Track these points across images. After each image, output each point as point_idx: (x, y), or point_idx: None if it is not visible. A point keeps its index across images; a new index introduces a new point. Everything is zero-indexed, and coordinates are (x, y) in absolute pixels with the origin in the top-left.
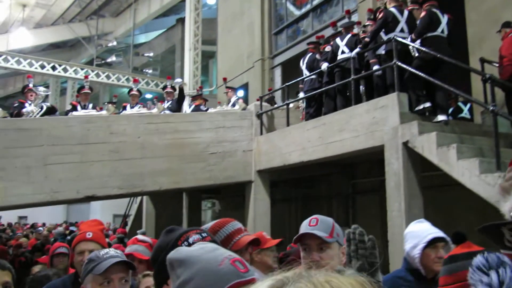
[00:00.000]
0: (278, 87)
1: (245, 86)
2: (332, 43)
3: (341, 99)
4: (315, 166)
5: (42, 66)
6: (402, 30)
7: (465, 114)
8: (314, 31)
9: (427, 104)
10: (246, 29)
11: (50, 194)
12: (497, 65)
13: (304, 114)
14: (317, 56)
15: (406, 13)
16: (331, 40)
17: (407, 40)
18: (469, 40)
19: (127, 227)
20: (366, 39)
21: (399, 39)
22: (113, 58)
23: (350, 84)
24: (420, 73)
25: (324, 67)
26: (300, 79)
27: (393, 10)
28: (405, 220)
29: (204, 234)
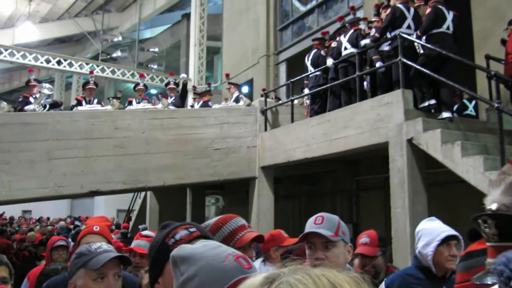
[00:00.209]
0: (283, 83)
1: (250, 82)
2: (337, 40)
3: (345, 96)
4: (319, 163)
5: (48, 61)
6: (409, 27)
7: (470, 111)
8: (320, 27)
9: (432, 101)
10: (251, 25)
11: (55, 189)
12: (503, 63)
13: (309, 111)
14: (322, 53)
15: (412, 10)
16: (337, 36)
17: (413, 37)
18: (475, 37)
19: (131, 222)
20: (376, 35)
21: (405, 36)
22: (119, 53)
23: (354, 81)
24: (425, 70)
25: (330, 63)
26: (305, 76)
27: (401, 6)
28: (409, 217)
29: (192, 229)
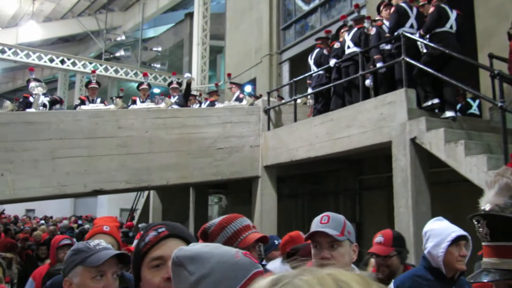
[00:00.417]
0: (286, 83)
1: (253, 81)
2: (341, 40)
3: (348, 95)
4: (322, 162)
5: (51, 60)
6: (412, 26)
7: (474, 110)
8: (323, 27)
9: (435, 100)
10: (255, 24)
11: (58, 188)
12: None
13: (312, 110)
14: (325, 52)
15: (415, 9)
16: (340, 35)
17: (416, 36)
18: (478, 36)
19: (134, 222)
20: (387, 35)
21: (408, 35)
22: (122, 53)
23: (358, 80)
24: (429, 69)
25: (332, 63)
26: (308, 75)
27: (404, 5)
28: (412, 217)
29: (161, 229)
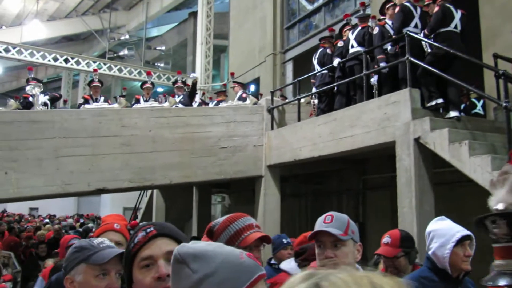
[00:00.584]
0: (290, 82)
1: (257, 81)
2: (344, 39)
3: (352, 95)
4: (326, 162)
5: (55, 59)
6: (416, 26)
7: (479, 110)
8: (326, 26)
9: (440, 100)
10: (258, 23)
11: (62, 186)
12: None
13: (315, 109)
14: (328, 51)
15: (419, 9)
16: (343, 34)
17: (420, 36)
18: (483, 35)
19: (137, 220)
20: (390, 34)
21: (412, 34)
22: (125, 52)
23: (361, 79)
24: (433, 69)
25: (336, 62)
26: (312, 74)
27: (408, 5)
28: (416, 217)
29: (149, 229)
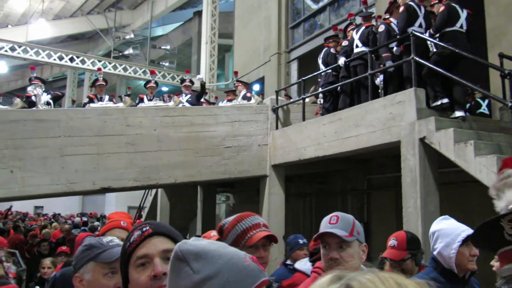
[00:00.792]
0: (294, 82)
1: (261, 80)
2: (349, 39)
3: (356, 94)
4: (331, 161)
5: (61, 58)
6: (421, 25)
7: (484, 110)
8: (331, 25)
9: (445, 100)
10: (263, 23)
11: (67, 185)
12: None
13: (320, 109)
14: (332, 50)
15: (423, 9)
16: (347, 34)
17: (425, 35)
18: (488, 35)
19: (142, 219)
20: (395, 34)
21: (418, 34)
22: (130, 51)
23: (366, 79)
24: (439, 69)
25: (341, 62)
26: (316, 74)
27: (413, 4)
28: (421, 217)
29: (145, 228)
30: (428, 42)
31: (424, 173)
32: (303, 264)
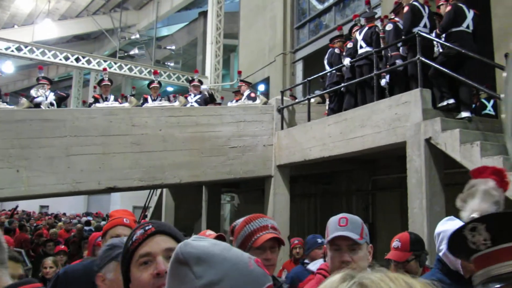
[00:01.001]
0: (300, 82)
1: (266, 81)
2: (353, 40)
3: (362, 95)
4: (336, 162)
5: (66, 58)
6: (425, 26)
7: (489, 111)
8: (337, 26)
9: (451, 101)
10: (268, 23)
11: (72, 185)
12: None
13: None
14: (336, 51)
15: (427, 9)
16: (353, 35)
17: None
18: (494, 35)
19: (147, 219)
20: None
21: (424, 34)
22: (136, 51)
23: (371, 79)
24: (445, 69)
25: (347, 63)
26: (322, 74)
27: (417, 4)
28: (427, 218)
29: (148, 227)
30: (434, 43)
31: (430, 174)
32: (316, 265)
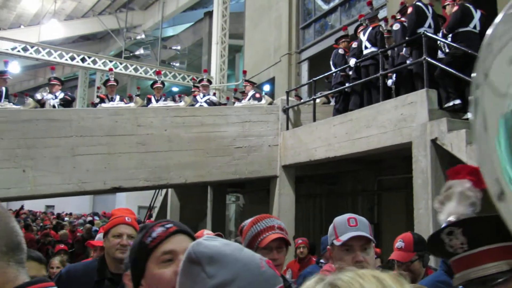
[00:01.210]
0: (305, 82)
1: (272, 81)
2: (358, 40)
3: (367, 95)
4: (341, 162)
5: (72, 58)
6: (430, 26)
7: None
8: (342, 26)
9: (457, 101)
10: (274, 23)
11: (78, 185)
12: None
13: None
14: (340, 51)
15: (431, 9)
16: (358, 35)
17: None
18: None
19: (152, 219)
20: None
21: (429, 34)
22: (141, 51)
23: (377, 79)
24: (452, 70)
25: (352, 63)
26: (327, 74)
27: (421, 4)
28: (432, 218)
29: (169, 225)
30: (439, 43)
31: (436, 175)
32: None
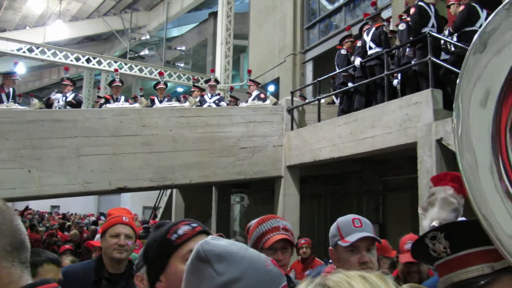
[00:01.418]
0: (310, 82)
1: (276, 81)
2: (362, 39)
3: (372, 95)
4: (346, 162)
5: (77, 59)
6: (433, 26)
7: None
8: (347, 26)
9: None
10: (278, 24)
11: (83, 185)
12: None
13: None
14: (342, 51)
15: (433, 8)
16: (363, 34)
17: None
18: None
19: (157, 219)
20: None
21: (434, 34)
22: (146, 52)
23: (382, 79)
24: (457, 69)
25: (357, 62)
26: (332, 75)
27: (423, 4)
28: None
29: (194, 225)
30: (442, 42)
31: None
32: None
